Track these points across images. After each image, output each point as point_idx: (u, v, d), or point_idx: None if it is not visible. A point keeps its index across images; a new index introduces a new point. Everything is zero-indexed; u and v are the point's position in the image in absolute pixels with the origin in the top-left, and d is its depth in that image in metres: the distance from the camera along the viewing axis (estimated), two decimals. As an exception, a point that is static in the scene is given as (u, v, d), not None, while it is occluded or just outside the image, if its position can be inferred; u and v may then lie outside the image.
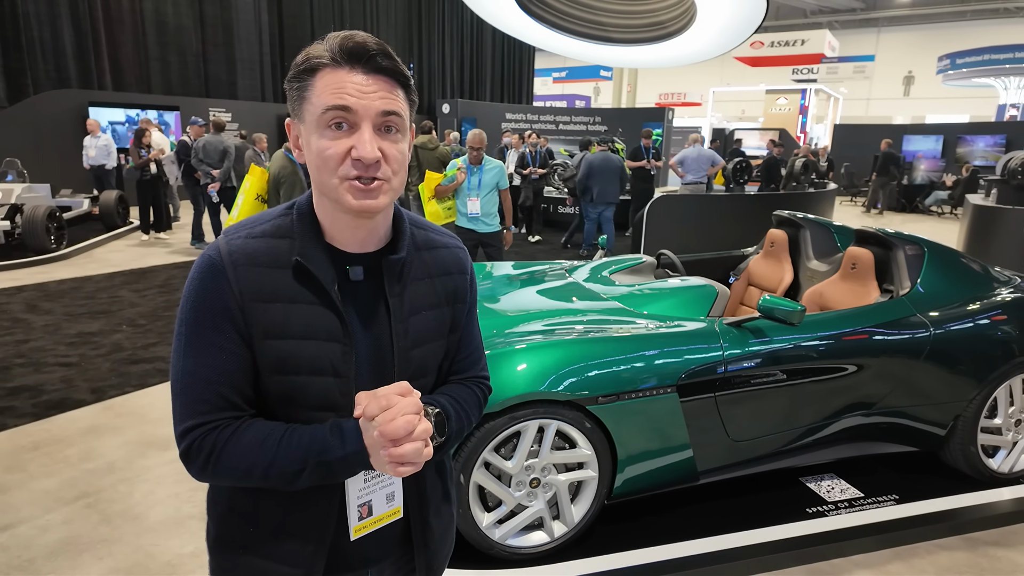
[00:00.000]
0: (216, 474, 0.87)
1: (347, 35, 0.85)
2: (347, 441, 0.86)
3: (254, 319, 0.86)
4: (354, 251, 0.93)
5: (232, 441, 0.86)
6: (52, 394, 3.78)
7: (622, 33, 13.75)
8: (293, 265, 0.89)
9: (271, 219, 0.93)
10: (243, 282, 0.86)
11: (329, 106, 0.83)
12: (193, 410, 0.87)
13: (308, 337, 0.88)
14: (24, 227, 7.31)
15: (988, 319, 2.88)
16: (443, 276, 1.01)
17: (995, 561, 2.49)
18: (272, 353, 0.87)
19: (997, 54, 23.91)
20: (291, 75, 0.87)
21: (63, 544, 2.44)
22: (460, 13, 19.60)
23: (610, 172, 7.85)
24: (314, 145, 0.86)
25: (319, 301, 0.89)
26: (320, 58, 0.85)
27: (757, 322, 2.59)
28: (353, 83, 0.84)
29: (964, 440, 2.87)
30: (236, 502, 0.96)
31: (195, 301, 0.87)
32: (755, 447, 2.64)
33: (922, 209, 14.83)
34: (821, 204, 9.37)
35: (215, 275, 0.86)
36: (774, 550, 2.44)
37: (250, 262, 0.87)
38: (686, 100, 29.62)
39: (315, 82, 0.85)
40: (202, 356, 0.86)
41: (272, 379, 0.89)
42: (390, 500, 0.99)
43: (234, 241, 0.89)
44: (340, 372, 0.90)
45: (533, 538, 2.37)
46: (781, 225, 3.89)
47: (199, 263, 0.89)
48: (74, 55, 12.35)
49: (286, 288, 0.88)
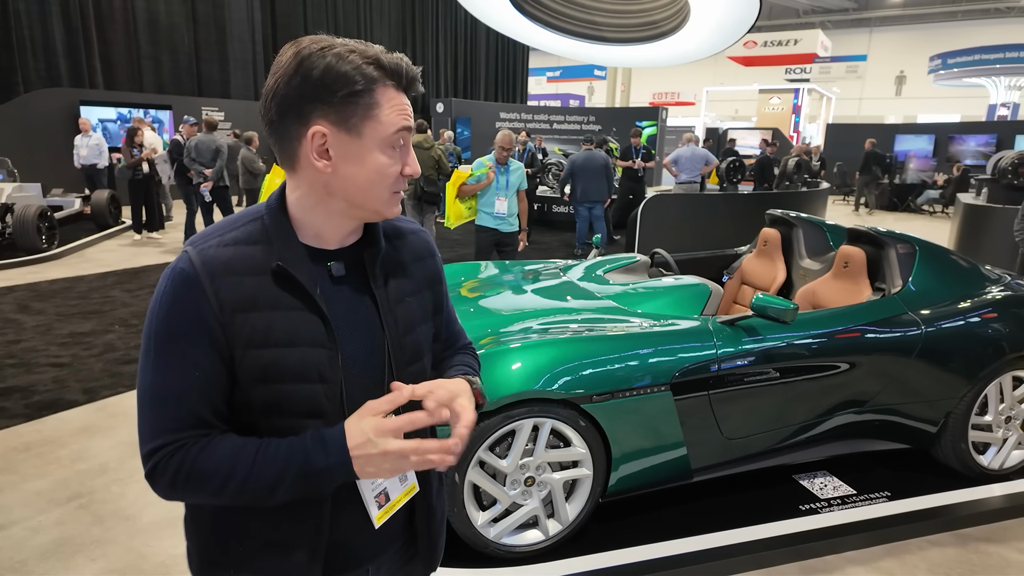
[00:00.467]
0: (186, 493, 0.84)
1: (403, 60, 0.89)
2: (330, 451, 0.83)
3: (235, 330, 0.84)
4: (333, 247, 0.94)
5: (201, 458, 0.83)
6: (44, 395, 3.75)
7: (616, 32, 13.77)
8: (273, 270, 0.86)
9: (240, 225, 0.90)
10: (222, 292, 0.84)
11: (402, 127, 0.88)
12: (160, 428, 0.83)
13: (292, 344, 0.86)
14: (15, 227, 7.26)
15: (978, 317, 2.91)
16: (417, 261, 1.04)
17: (985, 557, 2.51)
18: (255, 363, 0.85)
19: (988, 54, 24.07)
20: (356, 89, 0.84)
21: (56, 545, 2.43)
22: (454, 12, 19.57)
23: (592, 170, 7.72)
24: (374, 162, 0.87)
25: (302, 306, 0.87)
26: (381, 76, 0.87)
27: (750, 320, 2.60)
28: (407, 105, 0.90)
29: (955, 437, 2.90)
30: (221, 520, 0.93)
31: (167, 314, 0.83)
32: (748, 445, 2.65)
33: (914, 208, 14.93)
34: (814, 203, 9.42)
35: (190, 287, 0.83)
36: (768, 547, 2.45)
37: (227, 271, 0.85)
38: (680, 100, 29.69)
39: (378, 100, 0.86)
40: (173, 372, 0.83)
41: (255, 389, 0.86)
42: (403, 480, 1.00)
43: (206, 251, 0.86)
44: (326, 378, 0.88)
45: (528, 536, 2.37)
46: (774, 224, 3.91)
47: (171, 276, 0.85)
48: (65, 53, 12.25)
49: (267, 295, 0.86)
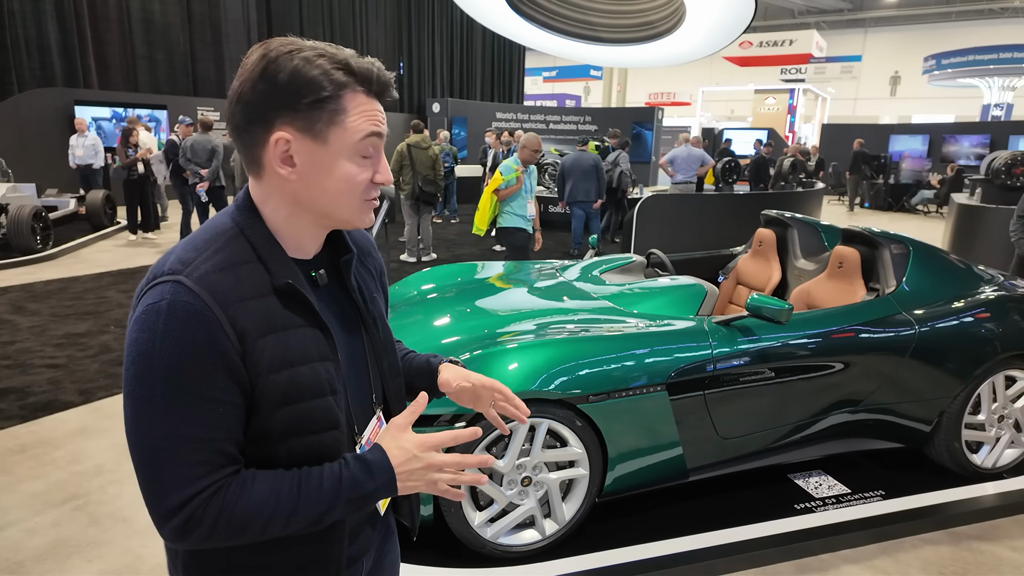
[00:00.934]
0: (227, 538, 0.79)
1: (375, 65, 0.86)
2: (376, 475, 0.85)
3: (256, 358, 0.80)
4: (308, 257, 0.93)
5: (242, 499, 0.78)
6: (39, 396, 3.74)
7: (612, 33, 13.79)
8: (281, 289, 0.84)
9: (220, 245, 0.84)
10: (240, 321, 0.79)
11: (371, 133, 0.85)
12: (190, 476, 0.76)
13: (306, 361, 0.85)
14: (9, 227, 7.23)
15: (972, 317, 2.93)
16: (368, 257, 1.06)
17: (978, 555, 2.53)
18: (277, 387, 0.82)
19: (982, 55, 24.18)
20: (322, 96, 0.81)
21: (52, 547, 2.42)
22: (450, 12, 19.56)
23: (580, 171, 7.70)
24: (342, 170, 0.84)
25: (307, 322, 0.87)
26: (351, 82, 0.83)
27: (745, 321, 2.62)
28: (379, 111, 0.87)
29: (948, 436, 2.92)
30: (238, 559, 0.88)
31: (177, 356, 0.76)
32: (744, 444, 2.66)
33: (908, 208, 15.01)
34: (809, 203, 9.45)
35: (202, 322, 0.76)
36: (763, 546, 2.47)
37: (238, 297, 0.80)
38: (675, 100, 29.74)
39: (346, 106, 0.83)
40: (192, 415, 0.77)
41: (276, 413, 0.83)
42: None
43: (204, 278, 0.79)
44: (336, 389, 0.89)
45: (525, 536, 2.38)
46: (769, 224, 3.93)
47: (170, 311, 0.76)
48: (59, 53, 12.19)
49: (278, 316, 0.84)
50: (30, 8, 11.70)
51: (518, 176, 4.97)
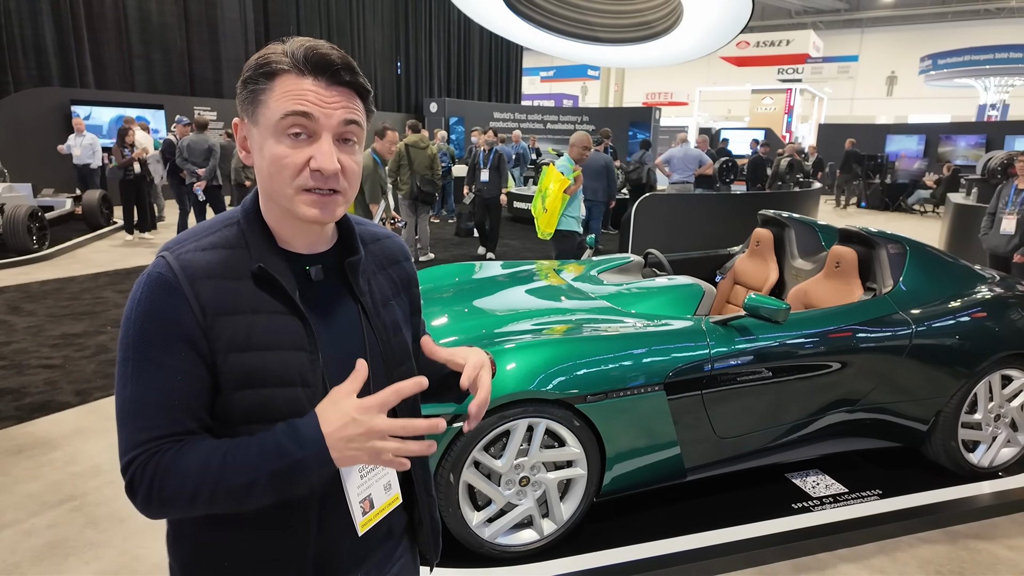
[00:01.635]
0: (162, 504, 0.79)
1: (311, 45, 0.83)
2: (304, 441, 0.78)
3: (216, 334, 0.82)
4: (307, 252, 0.92)
5: (175, 463, 0.78)
6: (36, 396, 3.73)
7: (609, 33, 13.80)
8: (255, 273, 0.85)
9: (216, 230, 0.88)
10: (203, 296, 0.82)
11: (289, 111, 0.81)
12: (138, 438, 0.79)
13: (273, 347, 0.84)
14: (5, 227, 7.20)
15: (968, 316, 2.94)
16: (393, 265, 1.05)
17: (975, 554, 2.54)
18: (237, 367, 0.82)
19: (978, 55, 24.26)
20: (247, 76, 0.84)
21: (49, 548, 2.42)
22: (447, 11, 19.55)
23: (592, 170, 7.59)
24: (269, 151, 0.83)
25: (283, 309, 0.86)
26: (280, 63, 0.82)
27: (743, 320, 2.62)
28: (315, 92, 0.82)
29: (945, 435, 2.92)
30: (204, 534, 0.89)
31: (144, 322, 0.81)
32: (741, 444, 2.67)
33: (905, 208, 15.06)
34: (806, 203, 9.47)
35: (168, 292, 0.81)
36: (760, 545, 2.47)
37: (208, 274, 0.83)
38: (673, 99, 29.78)
39: (273, 86, 0.82)
40: (153, 380, 0.80)
41: (236, 395, 0.83)
42: (388, 489, 0.99)
43: (184, 255, 0.84)
44: (308, 382, 0.86)
45: (523, 536, 2.38)
46: (766, 224, 3.93)
47: (147, 281, 0.82)
48: (56, 52, 12.16)
49: (247, 298, 0.84)
50: (26, 7, 11.66)
51: (576, 176, 4.87)
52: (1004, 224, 4.96)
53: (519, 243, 9.34)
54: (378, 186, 5.48)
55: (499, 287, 3.32)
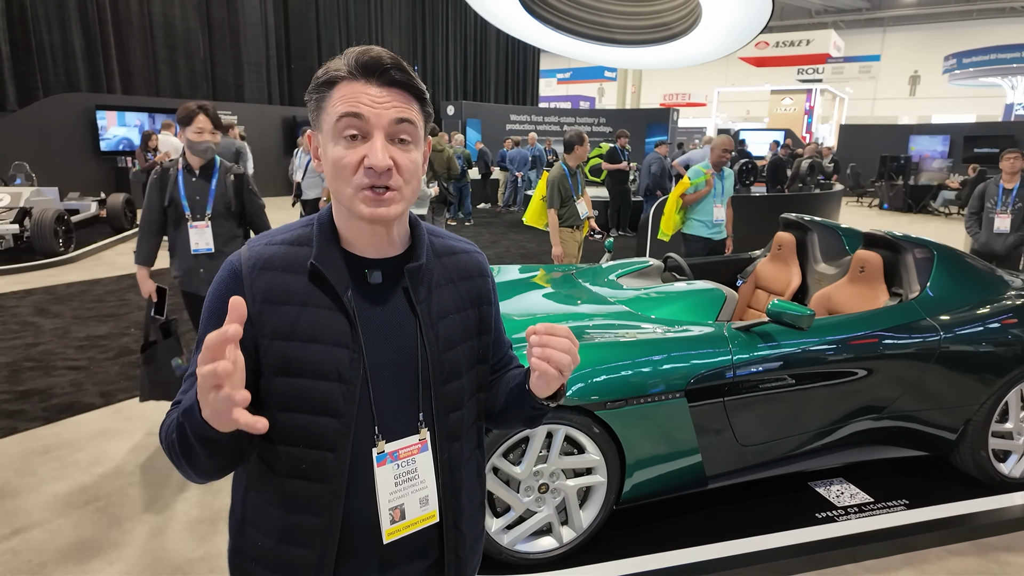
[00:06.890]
0: (170, 455, 0.88)
1: (364, 50, 0.88)
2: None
3: (264, 320, 0.89)
4: (372, 256, 0.95)
5: (169, 416, 0.89)
6: (62, 397, 3.80)
7: (627, 34, 13.73)
8: (308, 270, 0.91)
9: (294, 229, 0.97)
10: (257, 285, 0.90)
11: (343, 114, 0.86)
12: (177, 398, 0.91)
13: (315, 340, 0.89)
14: (33, 230, 7.36)
15: (998, 323, 2.87)
16: (464, 280, 1.04)
17: (1006, 566, 2.47)
18: (278, 354, 0.89)
19: (1004, 53, 23.76)
20: (311, 88, 0.90)
21: (74, 548, 2.45)
22: (464, 15, 19.64)
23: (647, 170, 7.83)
24: (330, 154, 0.89)
25: (331, 305, 0.90)
26: (338, 71, 0.88)
27: (766, 326, 2.58)
28: (367, 94, 0.86)
29: (975, 444, 2.86)
30: (247, 513, 0.97)
31: (211, 301, 0.92)
32: (764, 452, 2.63)
33: (931, 210, 14.79)
34: (828, 205, 9.34)
35: (232, 278, 0.91)
36: (784, 556, 2.43)
37: (266, 266, 0.92)
38: (691, 100, 29.59)
39: (332, 94, 0.88)
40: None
41: (274, 381, 0.89)
42: (424, 504, 0.97)
43: (256, 248, 0.94)
44: (345, 378, 0.89)
45: (542, 543, 2.37)
46: (788, 228, 3.88)
47: (222, 268, 0.94)
48: (83, 58, 12.42)
49: (299, 291, 0.90)
50: (55, 14, 11.93)
51: (707, 179, 4.81)
52: (998, 223, 4.92)
53: (535, 246, 9.33)
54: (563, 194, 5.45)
55: (516, 291, 3.31)
